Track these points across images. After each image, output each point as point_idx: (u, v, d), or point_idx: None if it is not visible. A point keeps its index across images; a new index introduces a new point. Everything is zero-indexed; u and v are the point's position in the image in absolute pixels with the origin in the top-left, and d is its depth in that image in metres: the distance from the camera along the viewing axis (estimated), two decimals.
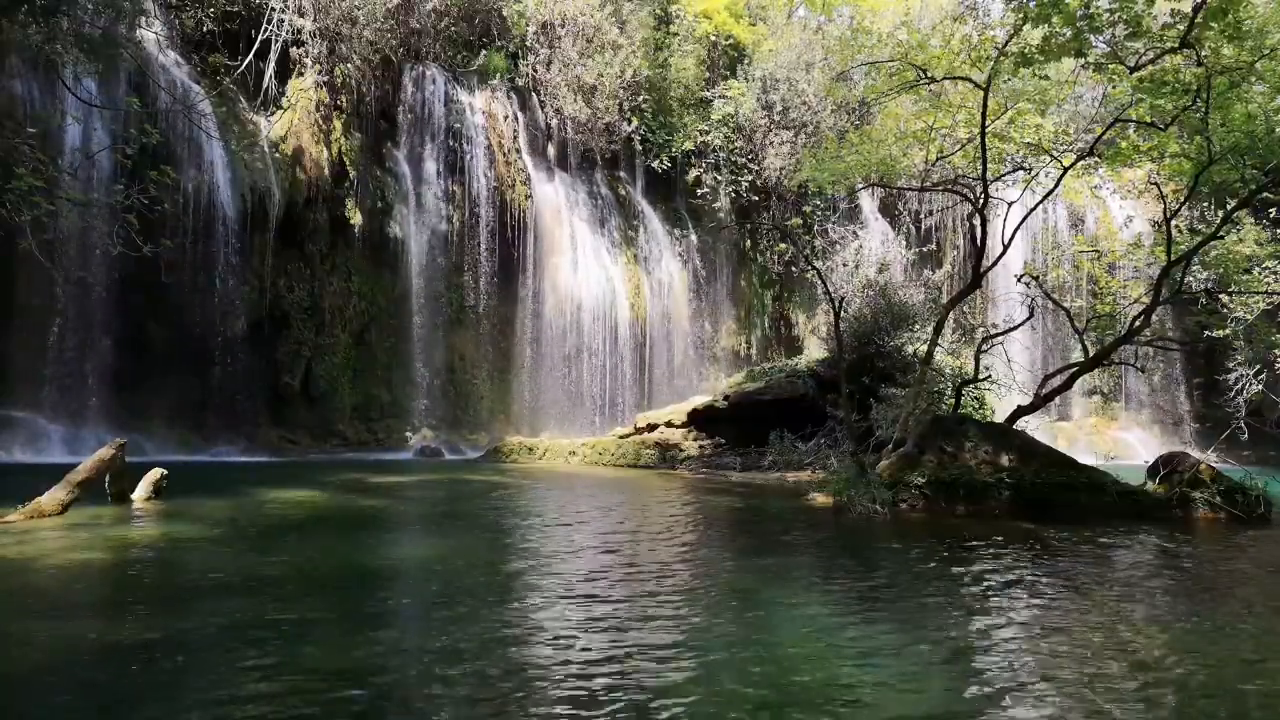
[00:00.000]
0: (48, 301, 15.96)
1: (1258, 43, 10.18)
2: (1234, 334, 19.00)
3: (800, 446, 15.20)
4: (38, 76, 15.55)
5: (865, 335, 17.06)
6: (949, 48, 12.52)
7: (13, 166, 11.15)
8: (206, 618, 4.54)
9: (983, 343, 14.04)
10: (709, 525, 9.02)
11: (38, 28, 12.90)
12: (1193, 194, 12.41)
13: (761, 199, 26.80)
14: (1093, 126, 14.47)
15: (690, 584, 5.79)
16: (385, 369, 20.94)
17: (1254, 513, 9.38)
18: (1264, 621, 5.12)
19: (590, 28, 24.15)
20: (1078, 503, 9.58)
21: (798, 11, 29.02)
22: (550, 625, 4.61)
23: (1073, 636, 4.55)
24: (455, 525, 8.79)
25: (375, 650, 4.09)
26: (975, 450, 10.10)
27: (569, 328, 23.05)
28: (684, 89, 26.33)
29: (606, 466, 16.38)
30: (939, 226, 28.39)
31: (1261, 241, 16.88)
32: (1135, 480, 10.26)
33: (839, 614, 4.98)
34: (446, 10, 22.55)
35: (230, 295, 17.96)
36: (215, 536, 7.24)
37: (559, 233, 23.45)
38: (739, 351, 26.87)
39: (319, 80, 20.08)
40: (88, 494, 8.22)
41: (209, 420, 17.71)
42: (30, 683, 3.64)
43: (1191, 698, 3.69)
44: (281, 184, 18.94)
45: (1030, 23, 10.26)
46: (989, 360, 14.15)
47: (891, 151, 14.42)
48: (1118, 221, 24.53)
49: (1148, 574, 6.65)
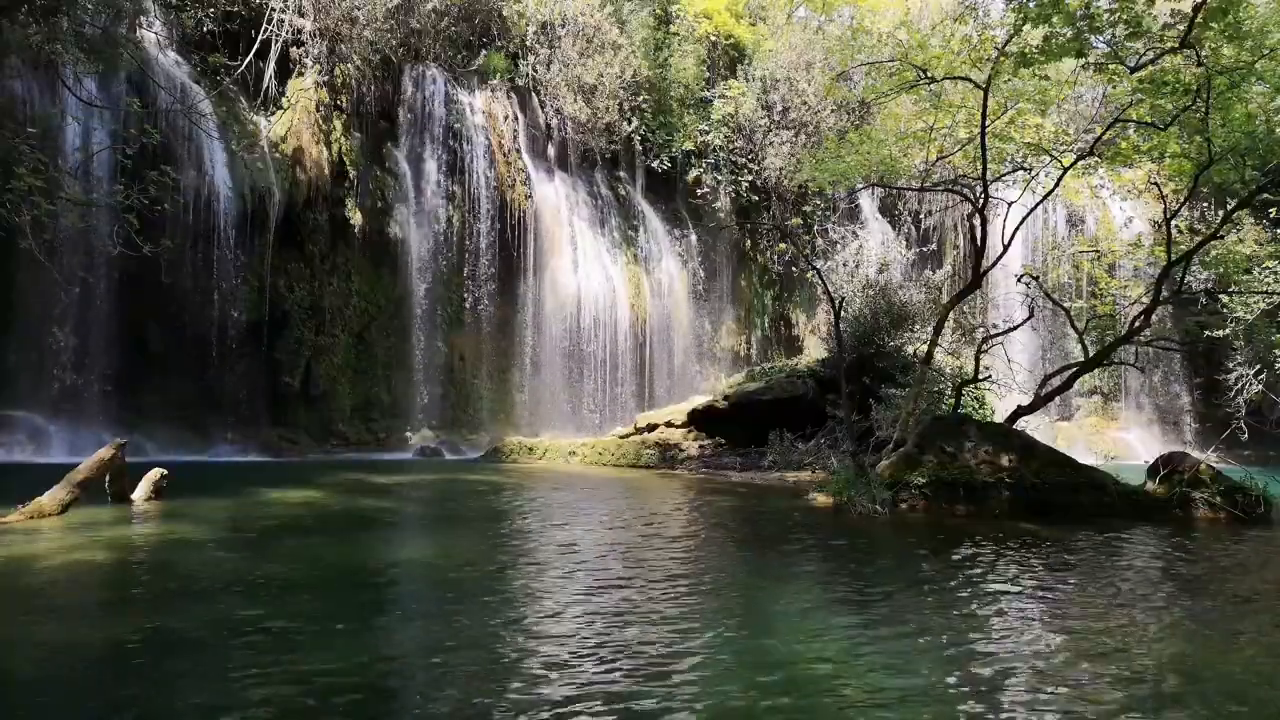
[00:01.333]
0: (48, 301, 15.96)
1: (1258, 43, 10.19)
2: (1234, 334, 19.01)
3: (800, 446, 15.19)
4: (38, 76, 15.55)
5: (865, 335, 17.05)
6: (949, 48, 12.52)
7: (13, 166, 11.15)
8: (206, 618, 4.54)
9: (983, 343, 14.04)
10: (709, 525, 9.02)
11: (38, 28, 12.90)
12: (1193, 194, 12.43)
13: (761, 199, 26.80)
14: (1093, 126, 14.48)
15: (690, 584, 5.79)
16: (385, 369, 20.93)
17: (1254, 513, 9.37)
18: (1264, 621, 5.12)
19: (590, 28, 24.14)
20: (1078, 503, 9.58)
21: (798, 11, 29.01)
22: (551, 625, 4.61)
23: (1073, 636, 4.55)
24: (455, 525, 8.78)
25: (375, 651, 4.09)
26: (975, 450, 10.09)
27: (569, 328, 23.04)
28: (684, 89, 26.32)
29: (606, 466, 16.37)
30: (939, 226, 28.39)
31: (1261, 241, 16.90)
32: (1135, 480, 10.25)
33: (839, 614, 4.98)
34: (446, 10, 22.54)
35: (230, 295, 17.95)
36: (215, 537, 7.24)
37: (559, 233, 23.44)
38: (739, 351, 26.87)
39: (319, 80, 20.08)
40: (88, 494, 8.22)
41: (209, 420, 17.70)
42: (30, 683, 3.64)
43: (1193, 697, 3.69)
44: (281, 184, 18.94)
45: (1030, 23, 10.26)
46: (989, 360, 14.16)
47: (891, 151, 14.41)
48: (1118, 222, 24.54)
49: (1148, 573, 6.64)
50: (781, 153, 25.78)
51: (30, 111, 15.17)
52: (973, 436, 10.33)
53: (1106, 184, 16.21)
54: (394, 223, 21.00)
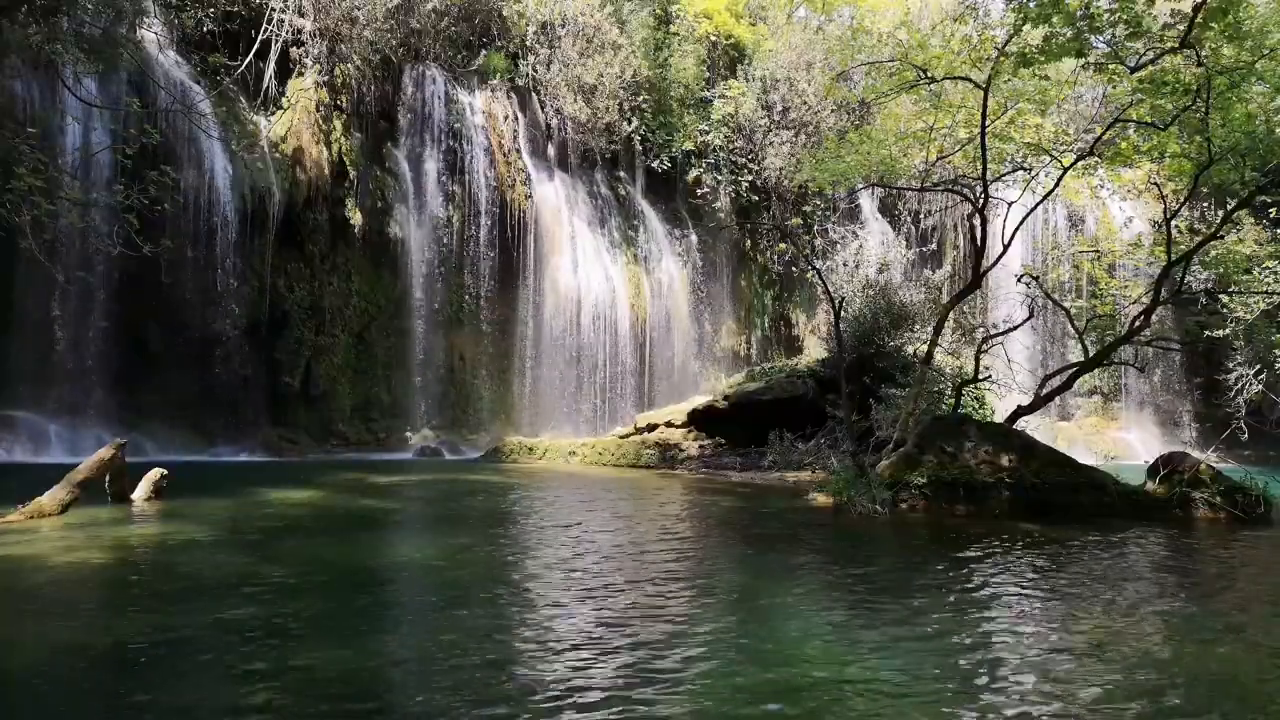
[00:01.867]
0: (48, 301, 15.97)
1: (1258, 43, 10.19)
2: (1234, 334, 19.02)
3: (800, 446, 15.20)
4: (38, 76, 15.55)
5: (865, 335, 17.06)
6: (949, 48, 12.52)
7: (13, 166, 11.15)
8: (206, 618, 4.54)
9: (983, 343, 14.04)
10: (709, 525, 9.02)
11: (38, 28, 12.90)
12: (1193, 194, 12.43)
13: (761, 199, 26.80)
14: (1093, 126, 14.48)
15: (691, 583, 5.79)
16: (385, 369, 20.94)
17: (1254, 513, 9.37)
18: (1264, 620, 5.12)
19: (590, 28, 24.14)
20: (1078, 503, 9.58)
21: (798, 11, 29.02)
22: (551, 625, 4.61)
23: (1072, 635, 4.55)
24: (456, 526, 8.78)
25: (375, 652, 4.09)
26: (975, 450, 10.09)
27: (569, 328, 23.04)
28: (684, 89, 26.31)
29: (606, 466, 16.37)
30: (939, 226, 28.39)
31: (1261, 241, 16.91)
32: (1135, 480, 10.25)
33: (839, 614, 4.98)
34: (446, 10, 22.54)
35: (230, 295, 17.95)
36: (215, 537, 7.24)
37: (559, 233, 23.44)
38: (739, 351, 26.86)
39: (319, 80, 20.08)
40: (88, 494, 8.23)
41: (209, 420, 17.71)
42: (29, 683, 3.64)
43: (1193, 697, 3.69)
44: (281, 184, 18.94)
45: (1030, 23, 10.26)
46: (989, 360, 14.16)
47: (891, 151, 14.41)
48: (1118, 222, 24.53)
49: (1148, 574, 6.64)
50: (781, 153, 25.77)
51: (30, 111, 15.18)
52: (973, 436, 10.33)
53: (1106, 184, 16.19)
54: (394, 223, 21.00)
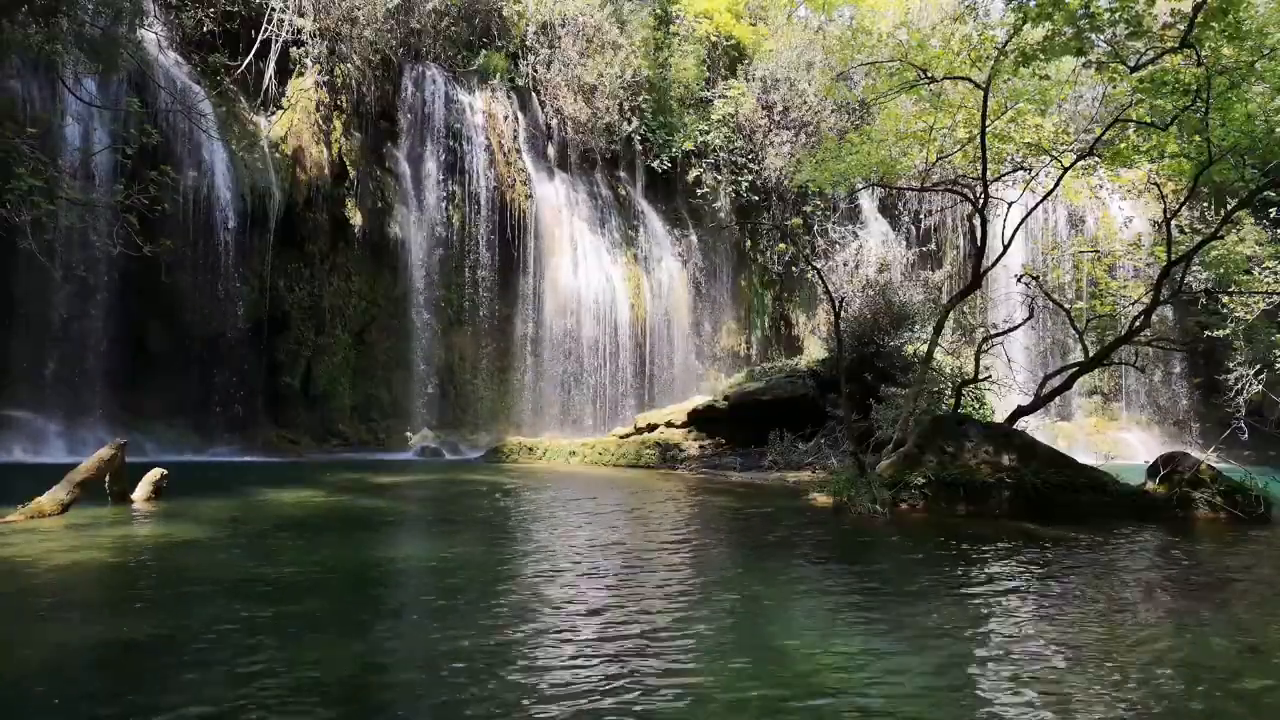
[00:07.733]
0: (48, 301, 15.96)
1: (1258, 43, 10.18)
2: (1234, 334, 19.02)
3: (800, 446, 15.20)
4: (38, 76, 15.54)
5: (865, 335, 17.06)
6: (949, 48, 12.51)
7: (13, 166, 11.14)
8: (206, 618, 4.54)
9: (983, 343, 14.03)
10: (709, 525, 9.02)
11: (38, 28, 12.89)
12: (1193, 194, 12.42)
13: (761, 199, 26.78)
14: (1093, 126, 14.45)
15: (691, 584, 5.79)
16: (385, 369, 20.93)
17: (1254, 513, 9.37)
18: (1264, 620, 5.12)
19: (590, 28, 24.14)
20: (1078, 503, 9.57)
21: (798, 11, 29.02)
22: (552, 625, 4.61)
23: (1072, 635, 4.55)
24: (455, 526, 8.78)
25: (375, 652, 4.09)
26: (975, 450, 10.09)
27: (569, 328, 23.03)
28: (684, 89, 26.30)
29: (607, 466, 16.37)
30: (939, 226, 28.37)
31: (1261, 241, 16.90)
32: (1135, 480, 10.25)
33: (839, 614, 4.98)
34: (446, 10, 22.54)
35: (230, 295, 17.95)
36: (215, 537, 7.24)
37: (559, 233, 23.44)
38: (739, 351, 26.86)
39: (319, 80, 20.08)
40: (88, 494, 8.23)
41: (209, 420, 17.70)
42: (29, 683, 3.64)
43: (1194, 696, 3.69)
44: (281, 184, 18.94)
45: (1030, 22, 10.25)
46: (989, 360, 14.14)
47: (891, 152, 14.41)
48: (1118, 222, 24.51)
49: (1149, 574, 6.64)
50: (781, 153, 25.77)
51: (30, 111, 15.16)
52: (973, 436, 10.33)
53: (1106, 184, 16.18)
54: (394, 223, 21.00)
